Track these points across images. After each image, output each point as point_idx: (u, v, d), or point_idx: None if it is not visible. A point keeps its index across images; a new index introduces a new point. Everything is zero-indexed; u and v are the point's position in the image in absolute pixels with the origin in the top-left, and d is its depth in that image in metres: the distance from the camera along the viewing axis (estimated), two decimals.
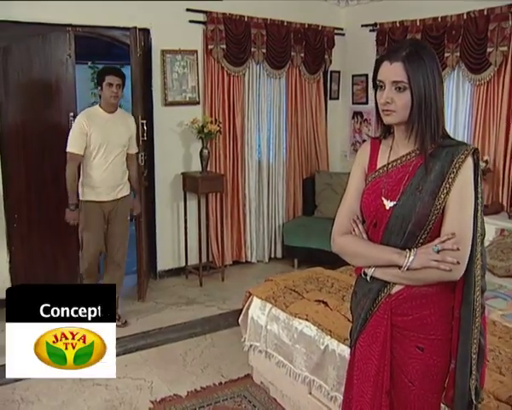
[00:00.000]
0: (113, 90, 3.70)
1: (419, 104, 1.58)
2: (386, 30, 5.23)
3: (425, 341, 1.65)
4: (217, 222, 5.23)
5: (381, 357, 1.70)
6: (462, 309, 1.64)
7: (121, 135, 3.85)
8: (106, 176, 3.78)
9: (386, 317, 1.69)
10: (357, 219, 1.75)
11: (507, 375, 2.20)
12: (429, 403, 1.70)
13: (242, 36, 5.10)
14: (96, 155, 3.74)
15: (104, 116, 3.77)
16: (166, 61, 4.83)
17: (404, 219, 1.61)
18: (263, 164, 5.53)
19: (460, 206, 1.58)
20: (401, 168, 1.66)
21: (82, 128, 3.68)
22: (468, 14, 4.43)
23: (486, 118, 4.42)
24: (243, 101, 5.27)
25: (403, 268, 1.60)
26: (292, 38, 5.42)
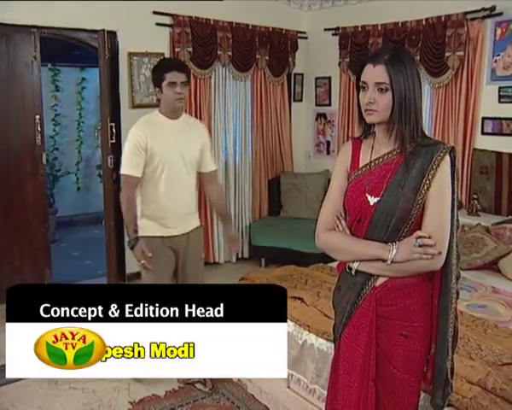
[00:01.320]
0: (178, 91, 2.82)
1: (400, 105, 1.68)
2: (348, 34, 5.38)
3: (408, 328, 1.76)
4: None
5: (367, 347, 1.80)
6: (440, 297, 1.76)
7: (190, 147, 2.96)
8: (173, 203, 2.91)
9: (372, 308, 1.79)
10: (340, 215, 1.84)
11: (476, 360, 2.36)
12: (412, 387, 1.82)
13: (208, 39, 5.15)
14: (159, 176, 2.87)
15: (167, 124, 2.90)
16: (133, 63, 4.82)
17: (388, 214, 1.72)
18: (229, 165, 5.59)
19: (439, 200, 1.69)
20: (383, 166, 1.77)
21: (139, 142, 2.82)
22: (427, 20, 4.63)
23: (445, 119, 4.63)
24: (210, 103, 5.32)
25: (387, 261, 1.70)
26: (257, 41, 5.51)
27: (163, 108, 2.92)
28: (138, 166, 2.84)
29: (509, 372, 2.25)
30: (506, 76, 4.27)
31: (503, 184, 4.39)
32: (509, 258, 3.69)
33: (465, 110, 4.51)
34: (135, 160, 2.84)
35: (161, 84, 2.84)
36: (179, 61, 3.04)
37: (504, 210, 4.39)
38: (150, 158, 2.84)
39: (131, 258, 4.98)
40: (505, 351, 2.44)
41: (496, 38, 4.28)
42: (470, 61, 4.43)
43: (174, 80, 2.81)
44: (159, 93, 2.90)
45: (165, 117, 2.91)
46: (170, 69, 2.83)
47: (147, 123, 2.92)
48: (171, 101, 2.84)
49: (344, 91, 5.59)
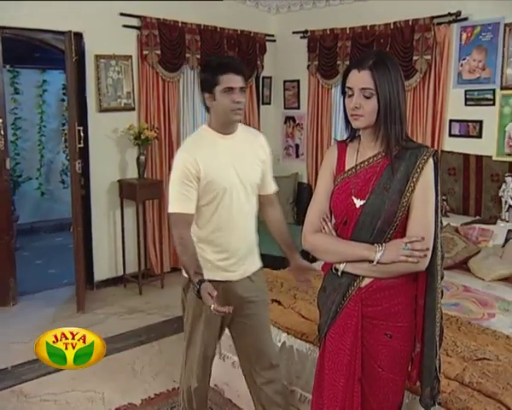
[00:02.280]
0: (236, 99, 2.22)
1: (385, 109, 1.76)
2: (317, 37, 5.49)
3: (393, 328, 1.84)
4: (154, 229, 5.24)
5: (352, 347, 1.86)
6: (427, 297, 1.84)
7: (251, 169, 2.38)
8: (232, 241, 2.36)
9: (357, 308, 1.85)
10: (326, 217, 1.91)
11: (453, 356, 2.46)
12: (396, 386, 1.90)
13: (177, 41, 5.17)
14: (214, 210, 2.31)
15: (222, 142, 2.31)
16: (100, 66, 4.79)
17: (374, 216, 1.79)
18: None
19: (424, 202, 1.77)
20: (369, 169, 1.84)
21: (189, 169, 2.22)
22: (395, 24, 4.78)
23: (414, 121, 4.78)
24: (178, 106, 5.33)
25: (374, 262, 1.77)
26: (225, 43, 5.56)
27: (214, 122, 2.31)
28: (191, 200, 2.25)
29: (484, 367, 2.35)
30: (472, 80, 4.44)
31: (470, 185, 4.56)
32: (478, 257, 3.84)
33: (433, 113, 4.67)
34: (186, 193, 2.24)
35: (213, 89, 2.22)
36: (236, 60, 2.35)
37: (472, 210, 4.57)
38: (204, 188, 2.26)
39: (100, 265, 5.00)
40: (479, 347, 2.55)
41: (461, 43, 4.45)
42: (437, 64, 4.59)
43: (231, 85, 2.21)
44: (209, 101, 2.27)
45: (218, 133, 2.30)
46: (226, 70, 2.22)
47: (196, 144, 2.32)
48: (227, 112, 2.23)
49: (313, 94, 5.69)
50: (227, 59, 2.37)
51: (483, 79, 4.37)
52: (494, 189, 4.36)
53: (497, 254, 3.83)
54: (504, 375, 2.29)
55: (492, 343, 2.64)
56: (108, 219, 5.07)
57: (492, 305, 3.23)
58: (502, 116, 4.29)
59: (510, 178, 4.17)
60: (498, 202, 4.30)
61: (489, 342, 2.65)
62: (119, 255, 5.11)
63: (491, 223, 4.25)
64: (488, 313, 3.11)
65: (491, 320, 3.01)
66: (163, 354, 3.81)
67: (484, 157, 4.43)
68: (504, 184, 4.21)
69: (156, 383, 3.42)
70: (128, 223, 5.09)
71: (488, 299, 3.31)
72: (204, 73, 2.31)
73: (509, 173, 4.20)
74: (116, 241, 5.11)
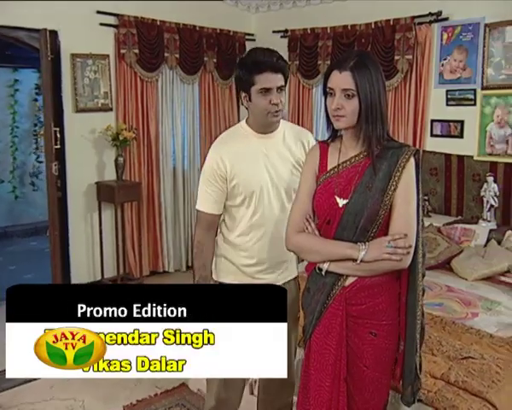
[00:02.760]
0: (274, 101, 2.11)
1: (366, 110, 1.79)
2: (297, 36, 5.54)
3: (377, 326, 1.87)
4: (133, 232, 5.23)
5: (338, 346, 1.89)
6: (408, 295, 1.88)
7: (289, 170, 2.25)
8: (262, 246, 2.25)
9: (342, 308, 1.88)
10: (309, 217, 1.94)
11: (438, 355, 2.51)
12: (382, 384, 1.93)
13: (155, 40, 5.16)
14: (243, 213, 2.25)
15: (257, 142, 2.21)
16: (77, 65, 4.76)
17: (357, 215, 1.82)
18: (178, 171, 5.61)
19: (406, 201, 1.81)
20: (351, 169, 1.87)
21: (216, 169, 2.18)
22: (376, 24, 4.85)
23: (395, 121, 4.85)
24: (157, 107, 5.32)
25: (357, 261, 1.80)
26: (204, 43, 5.57)
27: (252, 121, 2.21)
28: (216, 200, 2.21)
29: (469, 366, 2.41)
30: (453, 80, 4.53)
31: (452, 186, 4.65)
32: (460, 257, 3.92)
33: (414, 113, 4.75)
34: (211, 192, 2.20)
35: (250, 89, 2.11)
36: (274, 55, 2.14)
37: (454, 210, 4.65)
38: (232, 190, 2.20)
39: (77, 269, 4.96)
40: (464, 346, 2.61)
41: (442, 43, 4.54)
42: (419, 64, 4.67)
43: (268, 85, 2.09)
44: (246, 100, 2.17)
45: (255, 132, 2.20)
46: (262, 69, 2.08)
47: (228, 141, 2.24)
48: (264, 115, 2.13)
49: (294, 94, 5.72)
50: (264, 55, 2.12)
51: (464, 79, 4.47)
52: (475, 189, 4.45)
53: (479, 253, 3.91)
54: (489, 373, 2.35)
55: (477, 342, 2.71)
56: (86, 222, 5.03)
57: (476, 304, 3.30)
58: (483, 116, 4.38)
59: (491, 177, 4.27)
60: (480, 201, 4.39)
61: (473, 342, 2.71)
62: (97, 259, 5.08)
63: (473, 223, 4.34)
64: (472, 313, 3.18)
65: (474, 320, 3.07)
66: None
67: (465, 157, 4.51)
68: (486, 183, 4.30)
69: (138, 389, 3.41)
70: (106, 226, 5.06)
71: (471, 298, 3.38)
72: (239, 71, 2.16)
73: (491, 173, 4.29)
74: (94, 244, 5.08)
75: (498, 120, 4.30)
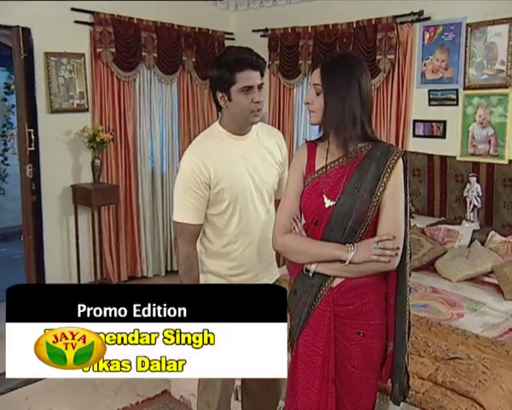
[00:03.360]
0: (256, 99, 2.09)
1: (330, 109, 1.83)
2: (278, 36, 5.58)
3: (365, 326, 1.90)
4: (110, 236, 5.20)
5: (326, 348, 1.92)
6: (397, 295, 1.92)
7: (268, 172, 2.25)
8: (249, 255, 2.24)
9: (329, 309, 1.91)
10: (296, 218, 1.96)
11: (425, 356, 2.56)
12: (370, 384, 1.96)
13: (132, 39, 5.15)
14: (228, 220, 2.20)
15: (235, 144, 2.18)
16: (51, 64, 4.72)
17: (345, 215, 1.85)
18: (156, 173, 5.60)
19: (394, 203, 1.85)
20: (339, 169, 1.90)
21: (198, 175, 2.09)
22: (358, 23, 4.91)
23: (377, 121, 4.90)
24: (134, 107, 5.31)
25: (346, 262, 1.83)
26: (183, 42, 5.57)
27: (228, 122, 2.17)
28: (198, 209, 2.14)
29: (456, 366, 2.46)
30: (435, 80, 4.61)
31: (435, 186, 4.73)
32: (444, 258, 3.99)
33: (397, 113, 4.82)
34: (193, 201, 2.11)
35: (229, 88, 2.07)
36: (252, 52, 2.11)
37: (437, 211, 4.73)
38: (216, 196, 2.14)
39: (53, 275, 4.89)
40: (450, 346, 2.67)
41: (424, 43, 4.62)
42: (401, 64, 4.74)
43: (251, 83, 2.06)
44: (223, 100, 2.11)
45: (231, 133, 2.17)
46: (243, 66, 2.05)
47: (207, 146, 2.16)
48: (245, 114, 2.11)
49: (274, 95, 5.76)
50: (242, 52, 2.09)
51: (446, 79, 4.55)
52: (458, 189, 4.54)
53: (463, 254, 3.99)
54: (476, 373, 2.40)
55: (463, 343, 2.76)
56: (61, 226, 4.99)
57: (461, 305, 3.37)
58: (465, 116, 4.47)
59: (474, 178, 4.35)
60: (463, 202, 4.47)
61: (459, 342, 2.77)
62: (73, 265, 5.03)
63: (457, 224, 4.42)
64: (457, 314, 3.25)
65: (460, 320, 3.14)
66: None
67: (448, 157, 4.60)
68: (469, 184, 4.38)
69: (118, 397, 3.39)
70: (82, 230, 5.03)
71: (456, 299, 3.45)
72: (217, 70, 2.10)
73: (473, 174, 4.38)
74: (70, 249, 5.03)
75: (480, 120, 4.39)
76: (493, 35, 4.23)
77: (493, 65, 4.27)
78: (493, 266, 3.77)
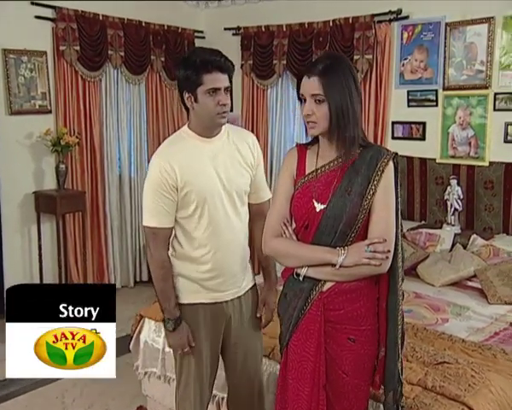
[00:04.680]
0: (222, 102, 2.17)
1: (336, 115, 1.89)
2: (251, 34, 5.65)
3: (356, 332, 1.97)
4: (76, 245, 5.18)
5: (316, 353, 1.97)
6: (389, 299, 1.98)
7: (238, 174, 2.32)
8: (222, 256, 2.31)
9: (320, 313, 1.97)
10: (286, 222, 2.03)
11: (413, 361, 2.65)
12: (361, 391, 2.02)
13: (98, 37, 5.15)
14: (196, 223, 2.27)
15: (203, 146, 2.25)
16: (10, 62, 4.68)
17: (336, 219, 1.92)
18: (124, 179, 5.60)
19: (385, 205, 1.92)
20: (330, 173, 1.97)
21: (166, 178, 2.19)
22: (334, 22, 5.02)
23: None
24: (101, 109, 5.31)
25: (337, 266, 1.89)
26: (151, 40, 5.61)
27: (196, 124, 2.25)
28: (168, 212, 2.22)
29: (444, 370, 2.55)
30: (414, 80, 4.75)
31: (414, 189, 4.86)
32: (426, 263, 4.11)
33: (375, 114, 4.94)
34: (162, 204, 2.20)
35: (196, 89, 2.15)
36: (220, 55, 2.19)
37: (417, 215, 4.87)
38: (183, 199, 2.22)
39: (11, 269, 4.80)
40: (438, 351, 2.75)
41: (403, 42, 4.76)
42: (379, 64, 4.87)
43: (217, 85, 2.15)
44: (190, 102, 2.20)
45: (199, 136, 2.25)
46: (210, 68, 2.13)
47: (173, 148, 2.26)
48: (212, 116, 2.18)
49: (247, 96, 5.82)
50: (211, 54, 2.18)
51: (425, 80, 4.70)
52: (439, 192, 4.68)
53: (445, 258, 4.11)
54: (465, 377, 2.49)
55: (450, 347, 2.86)
56: (22, 236, 4.94)
57: (445, 310, 3.48)
58: (445, 117, 4.62)
59: (455, 180, 4.49)
60: (443, 205, 4.61)
61: (446, 347, 2.86)
62: (36, 276, 4.98)
63: (437, 227, 4.56)
64: (441, 318, 3.35)
65: (445, 325, 3.24)
66: (95, 383, 3.75)
67: (428, 160, 4.74)
68: (449, 187, 4.52)
69: None
70: (46, 240, 4.99)
71: (440, 304, 3.55)
72: (184, 70, 2.18)
73: (454, 176, 4.52)
74: (32, 260, 4.99)
75: (460, 121, 4.54)
76: (472, 35, 4.39)
77: (473, 65, 4.43)
78: (476, 269, 3.90)
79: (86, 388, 3.72)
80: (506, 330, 3.22)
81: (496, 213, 4.43)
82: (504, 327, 3.26)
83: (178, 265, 2.31)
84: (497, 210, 4.42)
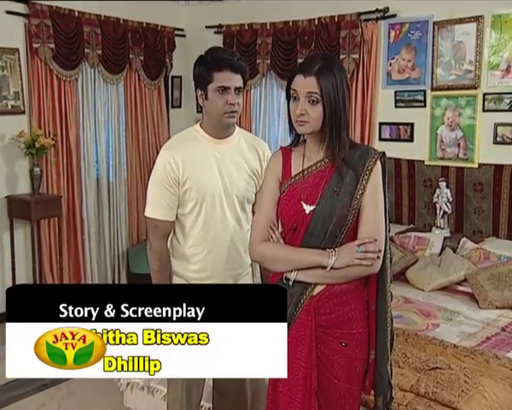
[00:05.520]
0: (231, 101, 2.27)
1: (330, 116, 1.94)
2: (233, 33, 5.69)
3: (347, 336, 2.00)
4: (51, 252, 5.13)
5: (308, 359, 2.00)
6: (378, 301, 2.03)
7: (243, 178, 2.40)
8: (210, 258, 2.38)
9: (310, 318, 2.00)
10: (273, 225, 2.06)
11: (405, 367, 2.69)
12: (353, 397, 2.05)
13: (74, 34, 5.12)
14: (196, 219, 2.36)
15: (211, 147, 2.36)
16: None
17: (325, 220, 1.96)
18: (102, 182, 5.58)
19: (374, 205, 1.97)
20: (317, 173, 2.01)
21: (169, 171, 2.30)
22: (320, 20, 5.07)
23: None
24: (77, 110, 5.29)
25: (328, 268, 1.93)
26: (130, 38, 5.60)
27: (206, 123, 2.37)
28: (170, 206, 2.33)
29: (437, 376, 2.59)
30: (401, 80, 4.83)
31: (402, 192, 4.92)
32: (415, 267, 4.16)
33: (361, 115, 4.99)
34: (165, 198, 2.32)
35: (207, 87, 2.27)
36: (235, 55, 2.31)
37: (405, 218, 4.93)
38: (184, 194, 2.32)
39: None
40: (429, 357, 2.81)
41: (390, 41, 4.83)
42: (365, 64, 4.93)
43: (227, 84, 2.24)
44: (202, 99, 2.33)
45: (209, 136, 2.36)
46: (222, 67, 2.24)
47: (181, 143, 2.37)
48: (220, 115, 2.28)
49: None
50: (225, 53, 2.31)
51: (413, 80, 4.77)
52: (427, 195, 4.74)
53: (434, 262, 4.17)
54: (458, 383, 2.54)
55: (441, 353, 2.91)
56: None
57: (435, 315, 3.54)
58: (433, 118, 4.70)
59: (444, 183, 4.56)
60: (432, 208, 4.68)
61: (438, 352, 2.92)
62: (9, 285, 4.93)
63: (426, 231, 4.62)
64: (432, 324, 3.41)
65: (436, 330, 3.31)
66: (74, 396, 3.74)
67: (416, 162, 4.81)
68: (438, 189, 4.59)
69: None
70: (19, 247, 4.94)
71: (430, 309, 3.62)
72: (197, 67, 2.32)
73: (443, 178, 4.59)
74: (4, 269, 4.93)
75: (449, 122, 4.62)
76: (461, 34, 4.47)
77: (461, 65, 4.51)
78: (466, 274, 3.97)
79: (64, 401, 3.70)
80: (498, 335, 3.30)
81: (485, 216, 4.51)
82: (496, 332, 3.33)
83: (174, 263, 2.42)
84: (487, 213, 4.49)
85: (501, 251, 4.11)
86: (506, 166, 4.35)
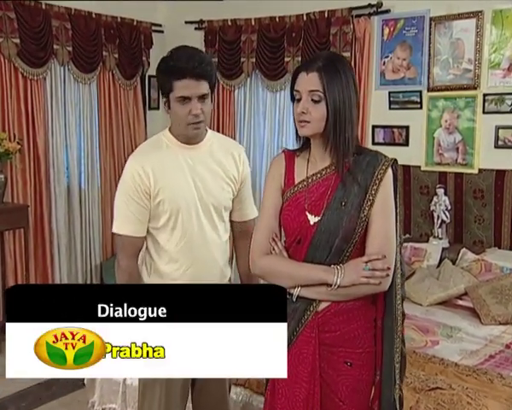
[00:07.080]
0: (193, 112, 2.19)
1: (334, 116, 1.91)
2: (215, 29, 5.70)
3: (353, 355, 1.99)
4: (17, 266, 5.07)
5: (310, 379, 1.99)
6: (385, 319, 2.02)
7: (218, 185, 2.37)
8: (191, 273, 2.35)
9: (314, 335, 1.99)
10: (276, 237, 2.04)
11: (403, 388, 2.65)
12: None
13: (41, 29, 5.08)
14: (168, 235, 2.32)
15: (181, 153, 2.30)
16: None
17: (331, 234, 1.94)
18: (73, 190, 5.55)
19: (384, 217, 1.95)
20: (322, 182, 1.99)
21: (139, 183, 2.24)
22: (308, 16, 5.10)
23: None
24: (45, 112, 5.25)
25: (333, 287, 1.91)
26: (103, 34, 5.58)
27: (174, 129, 2.32)
28: (140, 220, 2.28)
29: (438, 397, 2.61)
30: (396, 80, 4.87)
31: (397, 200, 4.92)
32: (412, 280, 4.18)
33: None
34: (135, 212, 2.26)
35: (168, 95, 2.22)
36: (198, 58, 2.19)
37: (401, 228, 4.88)
38: (156, 207, 2.27)
39: None
40: (429, 376, 2.82)
41: (384, 38, 4.87)
42: (358, 62, 4.96)
43: (187, 94, 2.17)
44: (166, 106, 2.28)
45: (179, 141, 2.31)
46: (181, 75, 2.16)
47: (150, 151, 2.30)
48: (183, 125, 2.23)
49: None
50: (186, 58, 2.17)
51: (408, 80, 4.81)
52: (424, 203, 4.77)
53: (433, 275, 4.20)
54: (460, 404, 2.55)
55: (442, 372, 2.92)
56: None
57: (434, 331, 3.56)
58: (430, 121, 4.74)
59: (442, 190, 4.59)
60: (429, 217, 4.70)
61: (438, 371, 2.93)
62: None
63: (423, 241, 4.64)
64: (431, 341, 3.43)
65: (435, 348, 3.32)
66: None
67: (412, 167, 4.84)
68: (435, 196, 4.62)
69: None
70: None
71: (429, 325, 3.63)
72: (158, 72, 2.27)
73: (441, 185, 4.62)
74: None
75: (447, 125, 4.65)
76: (459, 30, 4.52)
77: (460, 64, 4.55)
78: (467, 287, 3.99)
79: None
80: (502, 352, 3.32)
81: (486, 225, 4.54)
82: (500, 349, 3.35)
83: (148, 281, 2.38)
84: (488, 222, 4.53)
85: (503, 262, 4.15)
86: (508, 171, 4.40)
